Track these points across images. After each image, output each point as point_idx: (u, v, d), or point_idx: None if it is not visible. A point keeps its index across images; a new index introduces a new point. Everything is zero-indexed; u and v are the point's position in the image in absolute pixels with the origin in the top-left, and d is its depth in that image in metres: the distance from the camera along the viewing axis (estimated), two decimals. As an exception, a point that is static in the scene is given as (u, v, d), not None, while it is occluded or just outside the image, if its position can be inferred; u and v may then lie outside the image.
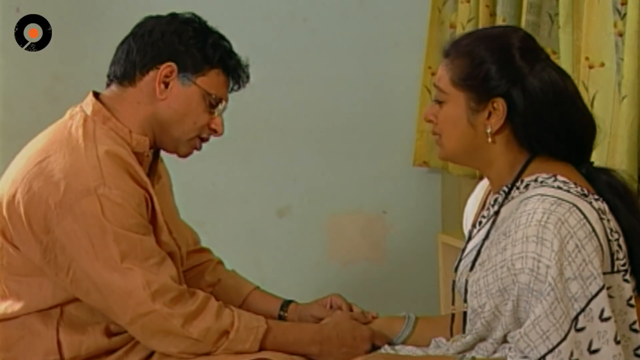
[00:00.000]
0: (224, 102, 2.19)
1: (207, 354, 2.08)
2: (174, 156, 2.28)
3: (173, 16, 2.20)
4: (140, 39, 2.17)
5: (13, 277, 2.14)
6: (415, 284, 3.88)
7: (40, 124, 3.22)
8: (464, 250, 2.11)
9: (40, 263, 2.08)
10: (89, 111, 2.16)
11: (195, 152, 2.41)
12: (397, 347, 2.22)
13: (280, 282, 2.72)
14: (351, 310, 2.38)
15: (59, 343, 2.12)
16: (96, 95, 2.19)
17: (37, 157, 2.10)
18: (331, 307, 2.41)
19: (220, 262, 2.52)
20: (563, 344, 1.81)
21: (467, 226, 2.22)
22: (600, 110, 2.61)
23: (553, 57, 2.48)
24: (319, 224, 3.81)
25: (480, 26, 3.33)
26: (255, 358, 2.07)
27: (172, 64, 2.14)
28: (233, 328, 2.08)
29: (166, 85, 2.15)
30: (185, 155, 2.24)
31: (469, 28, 3.39)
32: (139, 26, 2.20)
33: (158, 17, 2.20)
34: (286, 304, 2.41)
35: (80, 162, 2.06)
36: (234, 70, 2.20)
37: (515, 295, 1.88)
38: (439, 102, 2.02)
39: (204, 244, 2.55)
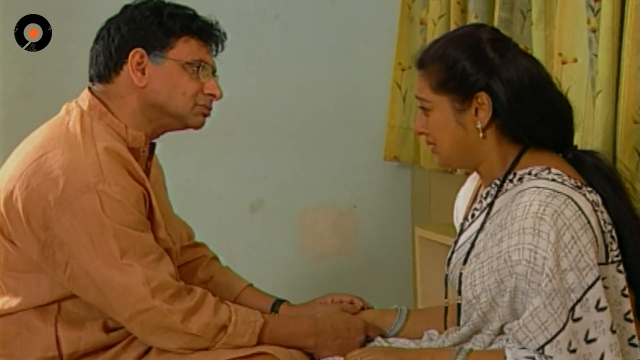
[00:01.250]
0: (206, 65, 2.16)
1: (206, 349, 2.06)
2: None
3: (125, 7, 2.19)
4: (102, 40, 2.17)
5: (10, 273, 2.12)
6: (387, 278, 3.89)
7: (14, 119, 3.20)
8: (456, 243, 2.12)
9: (38, 259, 2.06)
10: (85, 106, 2.14)
11: (168, 148, 2.38)
12: (390, 340, 2.23)
13: (253, 277, 2.70)
14: (352, 303, 2.38)
15: (57, 339, 2.10)
16: (90, 90, 2.18)
17: (35, 154, 2.07)
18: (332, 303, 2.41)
19: (214, 258, 2.51)
20: (561, 334, 1.83)
21: (457, 220, 2.23)
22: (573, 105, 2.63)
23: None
24: (290, 219, 3.80)
25: (452, 23, 3.34)
26: (255, 352, 2.06)
27: (139, 49, 2.12)
28: (231, 323, 2.07)
29: (142, 71, 2.13)
30: (199, 126, 2.20)
31: (440, 25, 3.40)
32: (101, 29, 2.19)
33: (114, 16, 2.19)
34: (278, 303, 2.40)
35: (79, 159, 2.04)
36: (202, 31, 2.17)
37: (512, 286, 1.89)
38: (425, 112, 2.03)
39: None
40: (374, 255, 3.89)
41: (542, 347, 1.84)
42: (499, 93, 1.95)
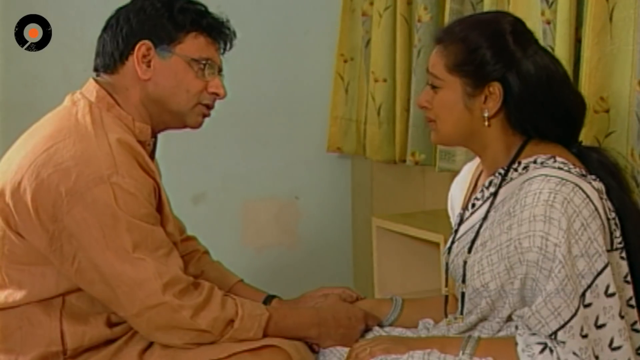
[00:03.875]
0: (212, 63, 2.12)
1: (211, 343, 2.00)
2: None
3: None
4: (110, 29, 2.11)
5: (15, 265, 2.03)
6: (328, 268, 3.88)
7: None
8: (456, 232, 2.10)
9: (46, 252, 1.98)
10: (92, 98, 2.07)
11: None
12: (386, 329, 2.21)
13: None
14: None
15: (62, 333, 2.02)
16: (96, 81, 2.11)
17: (44, 144, 1.99)
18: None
19: (205, 252, 2.45)
20: (574, 320, 1.82)
21: (453, 209, 2.21)
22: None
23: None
24: (233, 211, 3.75)
25: (398, 15, 3.33)
26: (262, 345, 2.01)
27: (146, 41, 2.07)
28: (238, 317, 2.01)
29: (148, 64, 2.07)
30: (196, 126, 2.17)
31: (386, 17, 3.38)
32: (110, 18, 2.13)
33: (125, 5, 2.13)
34: (269, 298, 2.34)
35: (91, 150, 1.96)
36: (212, 29, 2.12)
37: (522, 273, 1.88)
38: (434, 88, 2.00)
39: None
40: (315, 246, 3.88)
41: (555, 332, 1.83)
42: (513, 86, 1.94)
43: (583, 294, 1.84)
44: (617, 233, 1.93)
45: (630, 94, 2.44)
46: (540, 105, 1.95)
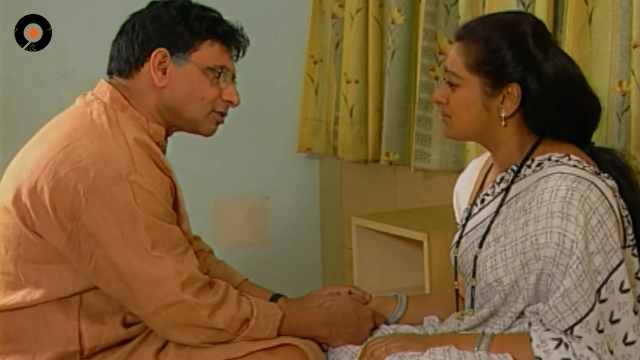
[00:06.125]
0: (227, 71, 2.08)
1: (226, 342, 1.97)
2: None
3: (152, 3, 2.09)
4: (126, 35, 2.06)
5: (31, 264, 1.97)
6: (297, 267, 3.86)
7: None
8: (464, 227, 2.07)
9: (64, 250, 1.93)
10: (105, 99, 2.03)
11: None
12: (392, 327, 2.17)
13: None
14: (350, 293, 2.30)
15: (80, 333, 1.97)
16: (109, 83, 2.07)
17: (60, 143, 1.94)
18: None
19: (210, 252, 2.40)
20: (591, 315, 1.82)
21: (459, 205, 2.18)
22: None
23: (450, 46, 2.51)
24: (204, 211, 3.70)
25: (370, 17, 3.32)
26: (277, 343, 1.98)
27: (162, 48, 2.03)
28: (253, 316, 1.97)
29: (163, 71, 2.03)
30: (209, 134, 2.14)
31: (358, 18, 3.36)
32: (125, 24, 2.09)
33: (140, 11, 2.09)
34: (275, 297, 2.30)
35: (109, 149, 1.92)
36: (227, 36, 2.09)
37: (538, 269, 1.86)
38: (452, 86, 1.97)
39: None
40: (285, 245, 3.85)
41: (572, 327, 1.82)
42: (531, 88, 1.92)
43: (599, 290, 1.83)
44: (630, 230, 1.93)
45: (609, 94, 2.47)
46: (557, 108, 1.93)
